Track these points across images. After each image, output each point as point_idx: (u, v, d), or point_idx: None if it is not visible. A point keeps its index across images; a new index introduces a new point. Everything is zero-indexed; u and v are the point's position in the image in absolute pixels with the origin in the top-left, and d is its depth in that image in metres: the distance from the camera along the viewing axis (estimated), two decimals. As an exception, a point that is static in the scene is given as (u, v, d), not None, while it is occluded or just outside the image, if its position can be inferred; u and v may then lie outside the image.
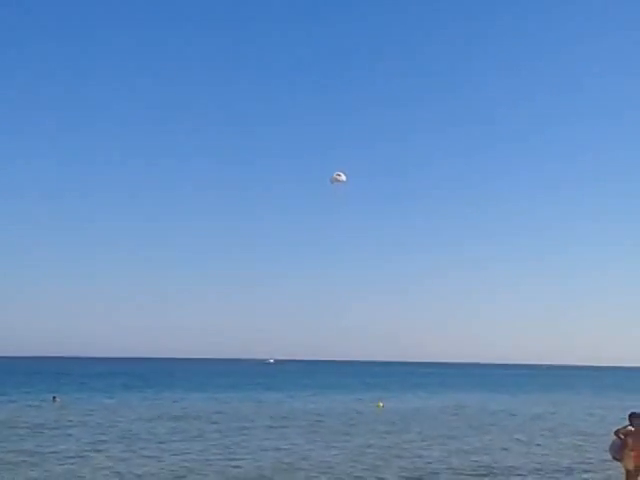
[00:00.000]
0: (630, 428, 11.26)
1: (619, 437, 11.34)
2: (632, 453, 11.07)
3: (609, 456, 11.86)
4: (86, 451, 18.73)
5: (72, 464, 16.60)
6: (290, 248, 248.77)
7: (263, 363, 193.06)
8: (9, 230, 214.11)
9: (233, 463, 17.09)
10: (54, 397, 39.54)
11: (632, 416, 11.42)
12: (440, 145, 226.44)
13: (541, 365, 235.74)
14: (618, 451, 11.32)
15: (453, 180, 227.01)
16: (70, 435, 22.37)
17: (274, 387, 59.49)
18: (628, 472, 11.26)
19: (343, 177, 19.85)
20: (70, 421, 27.06)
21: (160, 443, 20.54)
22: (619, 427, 11.53)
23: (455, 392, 57.11)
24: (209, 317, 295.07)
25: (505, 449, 20.59)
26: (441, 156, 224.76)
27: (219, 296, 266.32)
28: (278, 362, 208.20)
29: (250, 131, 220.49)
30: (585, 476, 16.27)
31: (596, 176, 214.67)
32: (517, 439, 23.25)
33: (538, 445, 21.72)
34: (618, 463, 11.59)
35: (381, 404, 38.34)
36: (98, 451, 18.75)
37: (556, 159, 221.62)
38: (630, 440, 11.16)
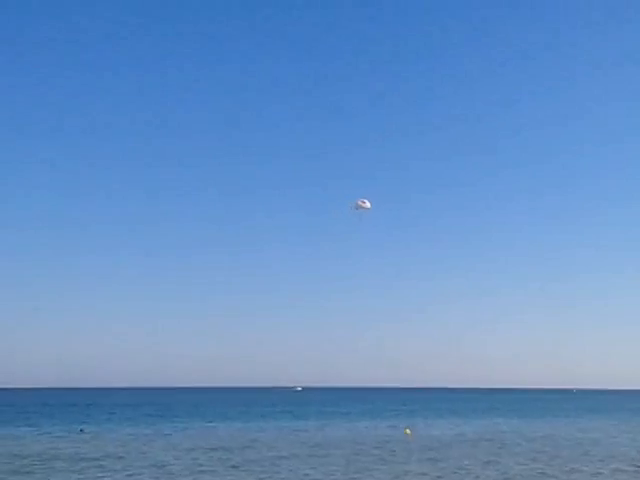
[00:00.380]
0: None
1: None
2: None
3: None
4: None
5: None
6: (311, 277, 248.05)
7: (291, 391, 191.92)
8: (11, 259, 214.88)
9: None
10: (81, 429, 39.45)
11: None
12: (443, 173, 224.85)
13: (572, 389, 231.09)
14: None
15: (456, 208, 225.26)
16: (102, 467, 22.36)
17: (303, 416, 59.05)
18: None
19: (368, 204, 19.74)
20: (104, 453, 27.00)
21: (201, 473, 20.36)
22: None
23: (483, 418, 56.38)
24: (234, 347, 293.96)
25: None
26: (444, 184, 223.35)
27: (244, 325, 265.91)
28: (306, 390, 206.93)
29: (252, 162, 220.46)
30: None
31: (598, 204, 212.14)
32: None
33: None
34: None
35: (408, 431, 38.02)
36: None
37: (557, 187, 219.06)
38: None
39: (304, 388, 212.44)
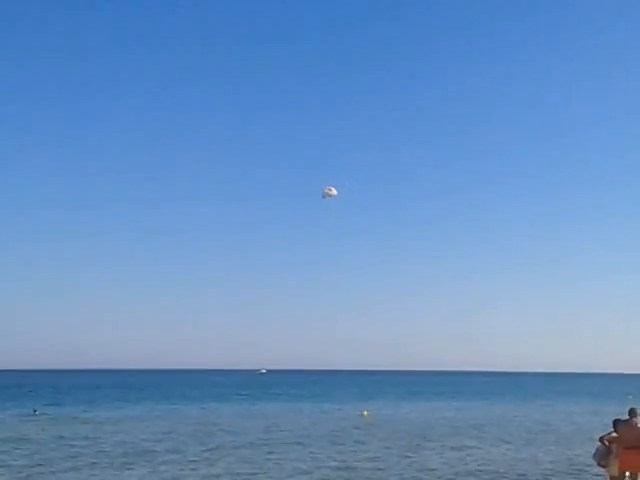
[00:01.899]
0: (614, 435, 11.11)
1: (604, 444, 11.26)
2: (616, 460, 10.92)
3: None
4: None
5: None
6: (282, 259, 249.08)
7: (255, 374, 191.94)
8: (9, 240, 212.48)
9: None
10: (35, 410, 38.96)
11: (616, 423, 11.24)
12: (435, 153, 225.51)
13: (537, 372, 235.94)
14: (603, 458, 11.27)
15: (451, 186, 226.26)
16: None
17: (265, 398, 58.94)
18: (612, 478, 11.13)
19: (334, 191, 20.01)
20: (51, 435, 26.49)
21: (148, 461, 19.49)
22: (603, 434, 11.41)
23: (450, 400, 56.78)
24: (200, 328, 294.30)
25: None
26: (438, 162, 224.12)
27: (210, 307, 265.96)
28: (270, 372, 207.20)
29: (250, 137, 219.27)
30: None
31: (598, 181, 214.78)
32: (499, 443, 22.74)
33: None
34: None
35: (366, 413, 38.00)
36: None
37: (558, 166, 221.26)
38: (614, 447, 11.04)
39: (269, 371, 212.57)
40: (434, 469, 17.65)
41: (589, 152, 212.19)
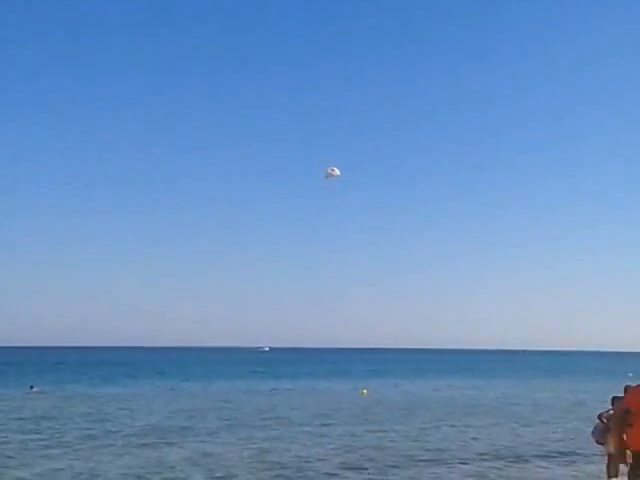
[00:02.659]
0: (612, 412, 10.91)
1: (602, 421, 11.29)
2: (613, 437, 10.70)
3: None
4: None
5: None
6: (286, 237, 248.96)
7: (258, 351, 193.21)
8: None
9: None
10: (32, 386, 38.78)
11: (614, 400, 11.07)
12: (437, 133, 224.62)
13: (524, 351, 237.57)
14: (601, 435, 11.29)
15: (449, 167, 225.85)
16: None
17: (263, 375, 59.30)
18: (610, 455, 11.07)
19: (337, 171, 19.92)
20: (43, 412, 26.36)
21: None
22: (602, 411, 11.44)
23: (447, 378, 57.09)
24: (204, 306, 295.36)
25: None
26: (438, 143, 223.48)
27: (213, 285, 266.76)
28: (273, 350, 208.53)
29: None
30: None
31: (596, 159, 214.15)
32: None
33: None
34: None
35: (365, 391, 38.13)
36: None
37: (555, 146, 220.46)
38: (612, 424, 10.80)
39: (272, 349, 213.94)
40: (427, 449, 17.55)
41: (585, 136, 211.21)
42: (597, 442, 11.48)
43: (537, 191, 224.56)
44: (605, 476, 11.46)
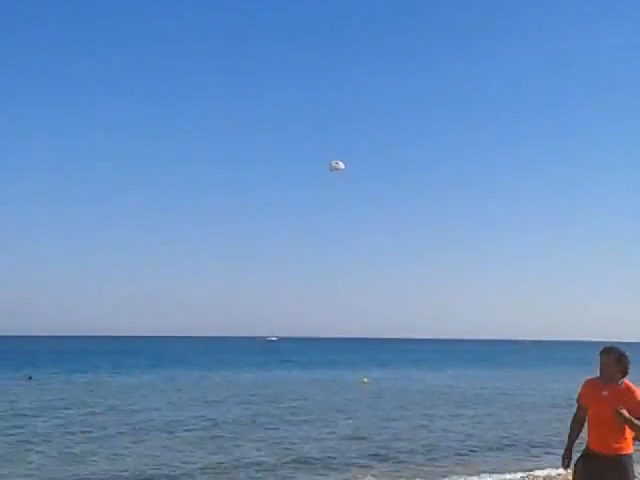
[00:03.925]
0: None
1: None
2: None
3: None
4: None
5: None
6: (292, 227, 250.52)
7: (265, 340, 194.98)
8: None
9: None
10: (30, 377, 38.43)
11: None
12: (432, 123, 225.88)
13: (524, 340, 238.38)
14: None
15: (446, 159, 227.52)
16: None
17: (265, 365, 60.59)
18: None
19: (341, 165, 19.51)
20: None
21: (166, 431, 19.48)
22: None
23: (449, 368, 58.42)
24: (211, 295, 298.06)
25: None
26: (431, 133, 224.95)
27: (219, 274, 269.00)
28: (281, 340, 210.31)
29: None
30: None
31: (595, 149, 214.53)
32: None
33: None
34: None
35: (366, 379, 39.61)
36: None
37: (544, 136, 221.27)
38: None
39: (279, 338, 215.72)
40: (430, 436, 18.42)
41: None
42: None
43: (538, 181, 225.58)
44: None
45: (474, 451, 16.37)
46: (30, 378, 38.15)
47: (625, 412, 5.83)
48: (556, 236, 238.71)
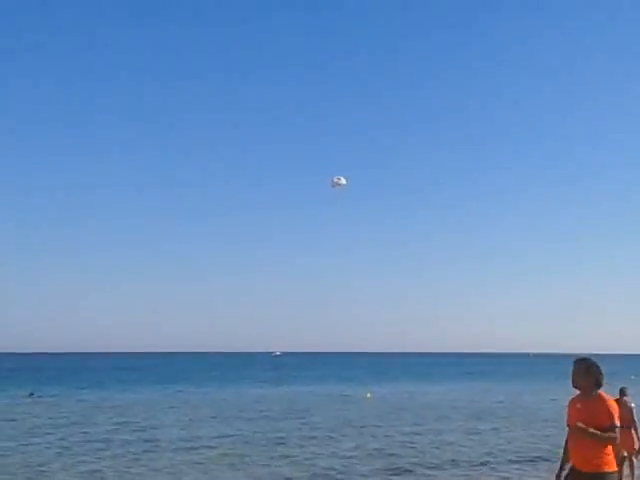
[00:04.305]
0: None
1: None
2: None
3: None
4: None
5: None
6: (296, 244, 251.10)
7: (270, 356, 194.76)
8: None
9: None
10: (31, 393, 38.21)
11: None
12: (440, 138, 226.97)
13: (528, 354, 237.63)
14: None
15: (453, 172, 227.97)
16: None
17: (266, 380, 60.63)
18: None
19: (343, 181, 19.90)
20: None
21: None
22: None
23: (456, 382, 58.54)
24: (216, 311, 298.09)
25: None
26: (443, 147, 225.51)
27: (223, 291, 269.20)
28: (284, 354, 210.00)
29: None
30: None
31: (597, 169, 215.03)
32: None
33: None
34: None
35: (369, 395, 39.55)
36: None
37: (550, 150, 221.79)
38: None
39: (283, 353, 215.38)
40: (439, 453, 18.34)
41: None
42: None
43: (542, 195, 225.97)
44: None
45: (487, 464, 16.49)
46: (32, 395, 37.96)
47: (581, 424, 5.68)
48: (561, 249, 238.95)
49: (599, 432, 5.65)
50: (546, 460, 16.85)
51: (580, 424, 5.69)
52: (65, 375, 68.82)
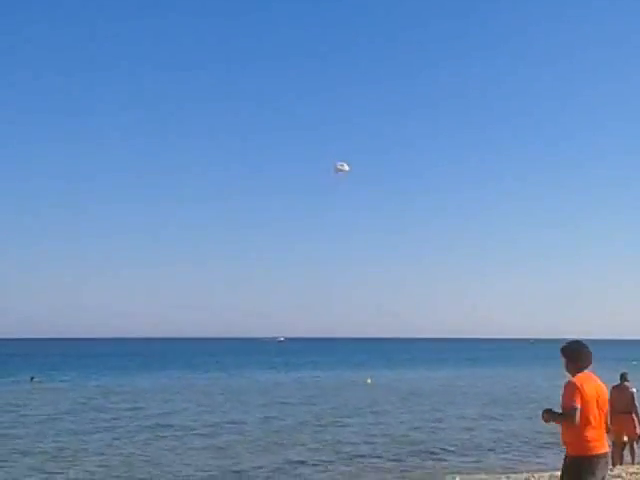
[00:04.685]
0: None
1: None
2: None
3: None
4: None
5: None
6: (297, 230, 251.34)
7: (274, 341, 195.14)
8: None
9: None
10: (32, 377, 38.28)
11: (612, 389, 11.64)
12: (440, 125, 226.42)
13: (529, 339, 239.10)
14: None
15: (453, 158, 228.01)
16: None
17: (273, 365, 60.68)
18: (613, 443, 11.31)
19: (346, 167, 20.06)
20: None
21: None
22: None
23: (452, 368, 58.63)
24: (218, 297, 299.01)
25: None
26: (442, 134, 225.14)
27: (224, 277, 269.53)
28: (288, 340, 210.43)
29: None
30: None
31: (596, 155, 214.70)
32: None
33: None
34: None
35: (369, 380, 39.42)
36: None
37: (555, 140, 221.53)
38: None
39: (287, 339, 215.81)
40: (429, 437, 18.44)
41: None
42: None
43: (543, 181, 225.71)
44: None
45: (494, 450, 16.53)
46: (32, 379, 38.02)
47: (542, 411, 5.78)
48: (562, 236, 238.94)
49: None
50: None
51: (543, 410, 5.81)
52: (68, 361, 68.34)
